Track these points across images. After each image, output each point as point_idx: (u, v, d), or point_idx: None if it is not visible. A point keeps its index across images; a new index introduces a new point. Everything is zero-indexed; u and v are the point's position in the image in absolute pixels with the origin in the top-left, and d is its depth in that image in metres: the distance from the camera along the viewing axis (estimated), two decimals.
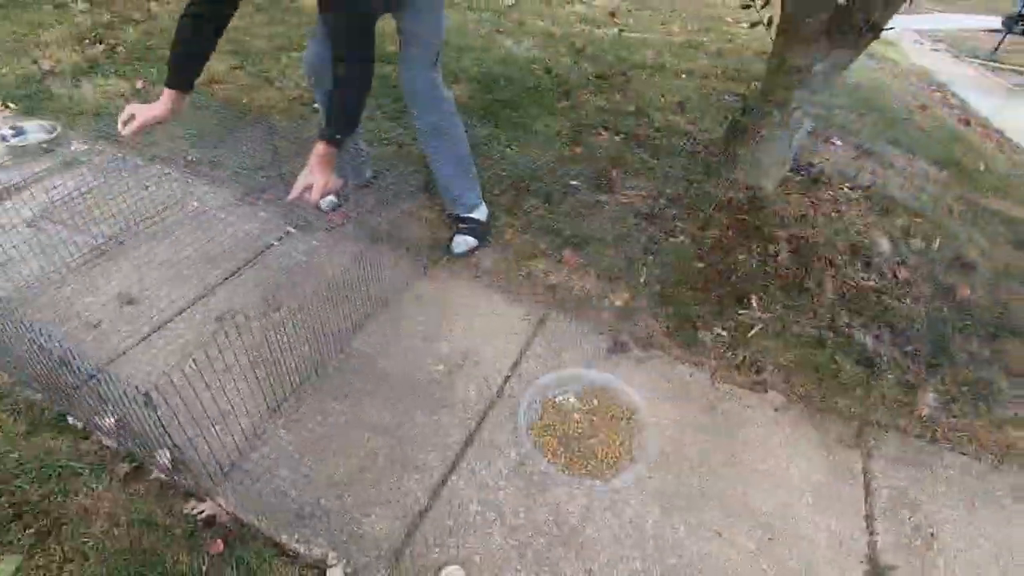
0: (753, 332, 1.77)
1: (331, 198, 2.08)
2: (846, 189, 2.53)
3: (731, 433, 1.52)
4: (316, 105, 1.97)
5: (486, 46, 3.66)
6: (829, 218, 2.27)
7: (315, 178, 1.48)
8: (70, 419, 1.38)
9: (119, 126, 1.56)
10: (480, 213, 2.04)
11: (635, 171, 2.51)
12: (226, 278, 1.83)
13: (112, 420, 1.35)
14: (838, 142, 3.06)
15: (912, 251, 2.18)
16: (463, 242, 1.97)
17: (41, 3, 3.53)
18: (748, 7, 2.29)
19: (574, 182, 2.40)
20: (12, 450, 1.28)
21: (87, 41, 3.18)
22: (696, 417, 1.55)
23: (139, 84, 2.82)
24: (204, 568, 1.14)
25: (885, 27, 1.87)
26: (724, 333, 1.78)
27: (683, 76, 3.67)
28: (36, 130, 2.27)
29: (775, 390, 1.65)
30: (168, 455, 1.31)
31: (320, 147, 1.48)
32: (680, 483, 1.40)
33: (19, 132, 2.25)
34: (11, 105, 2.61)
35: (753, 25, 2.38)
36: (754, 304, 1.86)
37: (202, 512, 1.24)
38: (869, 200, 2.48)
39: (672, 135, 2.85)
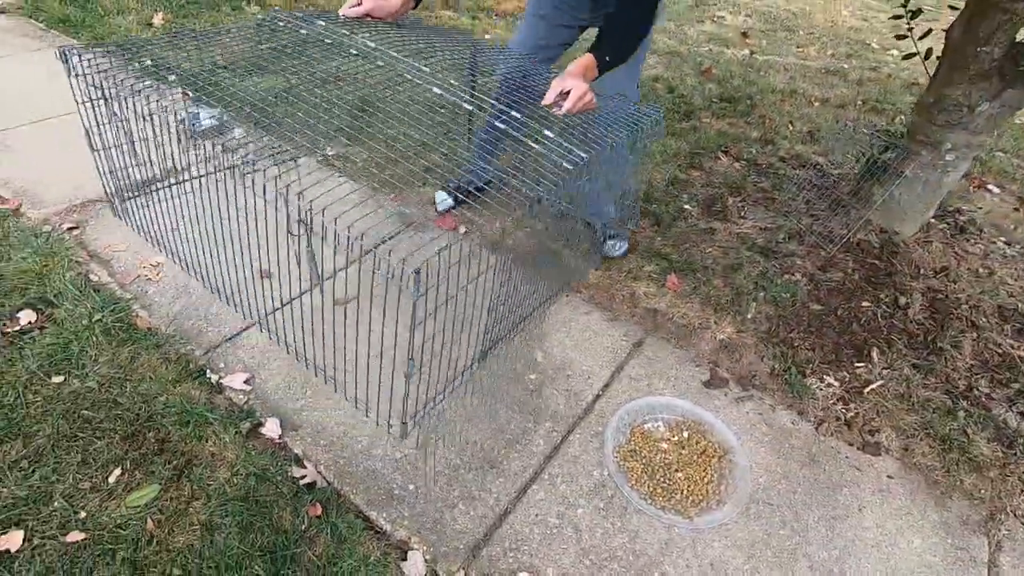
0: (871, 388, 1.64)
1: (448, 199, 2.19)
2: (1000, 244, 2.26)
3: (832, 492, 1.42)
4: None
5: None
6: (976, 274, 2.04)
7: (574, 83, 1.37)
8: (208, 373, 1.57)
9: (344, 8, 1.66)
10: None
11: (753, 200, 2.40)
12: (343, 268, 1.99)
13: (243, 377, 1.53)
14: (995, 189, 2.74)
15: None
16: (620, 246, 2.06)
17: (221, 5, 4.02)
18: (904, 37, 2.12)
19: (687, 206, 2.35)
20: (162, 393, 1.48)
21: (255, 42, 3.59)
22: (795, 468, 1.46)
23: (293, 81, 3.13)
24: (303, 528, 1.25)
25: None
26: (836, 384, 1.66)
27: (816, 104, 3.46)
28: (207, 116, 2.60)
29: (890, 455, 1.51)
30: (278, 422, 1.46)
31: (586, 57, 1.44)
32: (769, 534, 1.33)
33: (194, 117, 2.59)
34: (189, 93, 3.01)
35: (907, 57, 2.20)
36: (875, 358, 1.72)
37: (304, 477, 1.36)
38: None
39: (798, 166, 2.70)
